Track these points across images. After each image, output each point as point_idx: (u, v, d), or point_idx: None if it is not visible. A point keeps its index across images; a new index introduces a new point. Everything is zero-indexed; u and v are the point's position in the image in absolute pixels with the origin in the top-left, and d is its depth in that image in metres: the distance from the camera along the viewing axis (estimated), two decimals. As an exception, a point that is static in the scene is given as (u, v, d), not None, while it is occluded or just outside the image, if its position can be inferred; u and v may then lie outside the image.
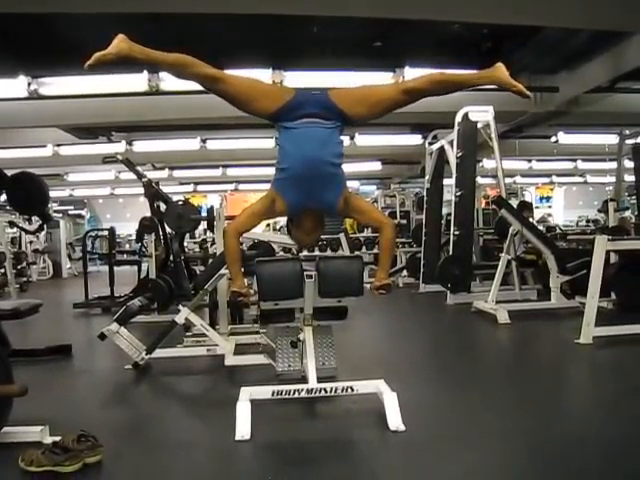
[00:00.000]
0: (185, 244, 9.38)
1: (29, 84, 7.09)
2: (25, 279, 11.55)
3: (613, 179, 11.14)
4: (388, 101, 2.65)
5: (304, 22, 6.39)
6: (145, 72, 7.13)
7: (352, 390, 3.07)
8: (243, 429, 2.78)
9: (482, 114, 7.42)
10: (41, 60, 6.88)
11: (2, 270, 10.05)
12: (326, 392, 3.07)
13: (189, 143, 11.26)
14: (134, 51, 2.43)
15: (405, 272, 10.10)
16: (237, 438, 2.73)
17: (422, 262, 8.79)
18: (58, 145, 10.91)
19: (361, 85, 2.76)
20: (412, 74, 7.26)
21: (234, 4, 4.89)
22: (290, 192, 2.62)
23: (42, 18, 5.28)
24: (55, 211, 18.70)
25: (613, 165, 15.71)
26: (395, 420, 2.82)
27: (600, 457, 2.56)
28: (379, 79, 7.69)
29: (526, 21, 5.68)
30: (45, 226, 9.97)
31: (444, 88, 2.68)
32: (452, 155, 7.59)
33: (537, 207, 20.67)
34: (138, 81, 7.20)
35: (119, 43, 2.40)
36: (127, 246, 17.51)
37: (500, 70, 2.58)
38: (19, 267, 11.59)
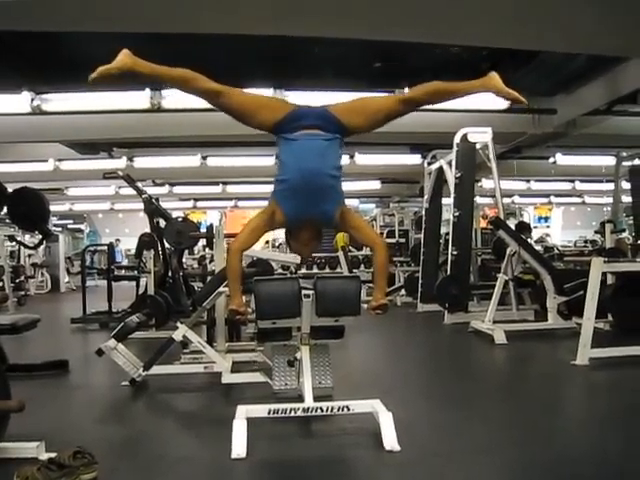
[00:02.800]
0: (184, 260, 9.42)
1: (32, 100, 7.15)
2: (23, 293, 11.54)
3: (611, 200, 11.20)
4: (386, 111, 2.69)
5: (305, 42, 6.46)
6: (147, 89, 7.20)
7: (348, 409, 3.08)
8: (239, 447, 2.78)
9: (481, 135, 7.49)
10: (44, 76, 6.94)
11: (0, 284, 10.07)
12: (322, 411, 3.08)
13: (189, 160, 11.31)
14: (138, 65, 2.48)
15: (403, 291, 10.12)
16: (233, 456, 2.74)
17: (420, 282, 8.81)
18: (59, 160, 10.95)
19: (359, 97, 2.79)
20: (412, 96, 7.34)
21: (233, 25, 4.95)
22: (288, 203, 2.64)
23: (46, 35, 5.34)
24: (54, 225, 18.75)
25: (610, 186, 15.81)
26: (390, 440, 2.83)
27: (595, 477, 2.56)
28: (379, 99, 7.78)
29: (524, 45, 5.76)
30: (45, 241, 10.00)
31: (440, 97, 2.74)
32: (451, 175, 7.65)
33: (535, 227, 20.70)
34: (140, 98, 7.26)
35: (123, 58, 2.46)
36: (125, 261, 17.54)
37: (494, 78, 2.63)
38: (17, 281, 11.60)
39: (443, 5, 4.63)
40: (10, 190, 4.12)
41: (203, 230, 9.33)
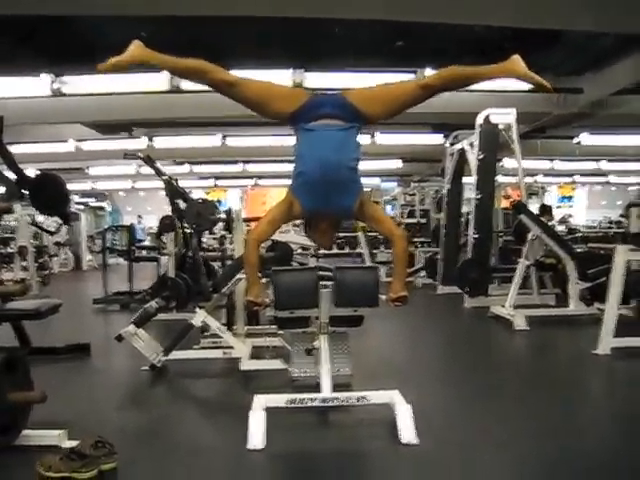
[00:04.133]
0: (204, 240, 9.46)
1: (52, 82, 7.18)
2: (47, 272, 11.69)
3: (637, 179, 10.99)
4: (405, 97, 2.63)
5: (325, 22, 6.37)
6: (166, 71, 7.17)
7: (366, 400, 3.07)
8: (256, 438, 2.79)
9: (504, 117, 7.33)
10: (64, 59, 6.95)
11: (24, 263, 10.21)
12: (340, 402, 3.08)
13: (210, 140, 11.32)
14: (149, 56, 2.47)
15: (423, 273, 10.06)
16: (250, 447, 2.76)
17: (441, 263, 8.76)
18: (80, 141, 11.02)
19: (377, 84, 2.72)
20: (434, 75, 7.22)
21: (249, 7, 4.89)
22: (306, 196, 2.61)
23: (63, 19, 5.33)
24: (77, 203, 18.92)
25: (637, 166, 15.52)
26: (408, 433, 2.82)
27: (614, 471, 2.54)
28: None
29: (549, 25, 5.61)
30: (65, 225, 10.12)
31: (460, 82, 2.67)
32: (473, 157, 7.53)
33: (559, 206, 20.47)
34: (159, 80, 7.25)
35: (134, 49, 2.44)
36: (147, 238, 17.66)
37: (517, 62, 2.53)
38: (41, 261, 11.73)
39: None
40: (31, 176, 4.16)
41: (223, 208, 9.37)
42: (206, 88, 2.66)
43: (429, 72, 7.52)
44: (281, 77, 7.23)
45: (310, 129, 2.58)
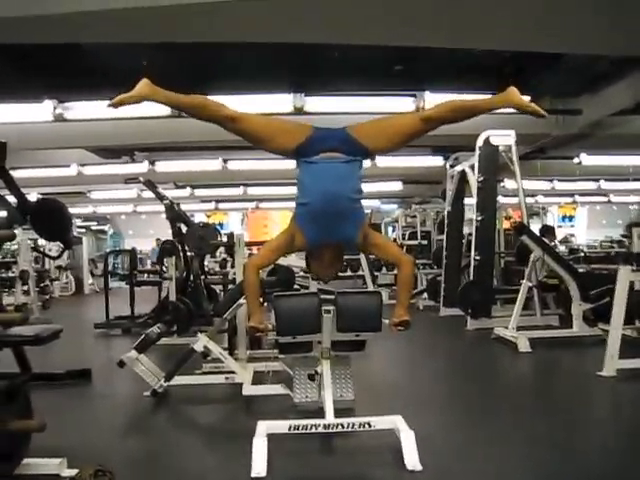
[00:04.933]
0: (206, 263, 9.45)
1: (54, 108, 7.24)
2: (47, 297, 11.67)
3: (637, 199, 10.99)
4: (407, 130, 2.66)
5: (324, 46, 6.42)
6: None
7: (369, 426, 3.05)
8: (259, 466, 2.77)
9: (504, 138, 7.38)
10: (66, 85, 7.01)
11: (25, 287, 10.19)
12: (343, 428, 3.05)
13: (211, 163, 11.35)
14: (155, 94, 2.53)
15: (425, 295, 10.03)
16: (253, 475, 2.72)
17: (442, 285, 8.74)
18: (82, 165, 11.05)
19: (379, 118, 2.76)
20: (432, 99, 7.27)
21: (249, 34, 4.93)
22: (310, 227, 2.62)
23: (66, 45, 5.38)
24: (78, 226, 18.94)
25: (637, 185, 15.52)
26: (412, 459, 2.79)
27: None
28: (399, 104, 7.72)
29: (546, 48, 5.65)
30: (66, 251, 10.11)
31: (461, 114, 2.69)
32: (473, 179, 7.56)
33: (560, 226, 20.45)
34: (161, 106, 7.29)
35: (143, 87, 2.50)
36: (148, 263, 17.63)
37: (513, 93, 2.59)
38: (42, 285, 11.71)
39: (460, 9, 4.56)
40: (32, 201, 4.17)
41: (224, 231, 9.38)
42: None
43: (428, 95, 7.58)
44: (281, 101, 7.29)
45: (313, 162, 2.60)
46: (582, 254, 11.50)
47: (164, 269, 7.29)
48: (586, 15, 4.55)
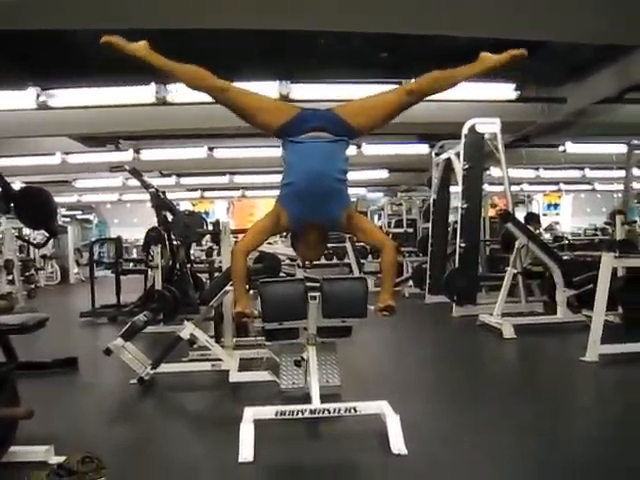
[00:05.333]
0: (192, 251, 9.43)
1: (38, 96, 7.15)
2: (33, 286, 11.59)
3: (621, 187, 11.07)
4: (393, 105, 2.67)
5: (310, 34, 6.40)
6: (153, 84, 7.17)
7: (355, 411, 3.08)
8: (246, 451, 2.79)
9: (489, 126, 7.42)
10: (50, 72, 6.93)
11: (10, 277, 10.11)
12: (329, 413, 3.08)
13: (196, 152, 11.29)
14: (151, 56, 2.57)
15: (411, 282, 10.09)
16: (240, 460, 2.75)
17: (428, 273, 8.79)
18: (66, 153, 10.95)
19: (364, 97, 2.76)
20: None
21: (234, 20, 4.91)
22: (294, 206, 2.62)
23: (50, 32, 5.31)
24: (63, 215, 18.80)
25: (621, 173, 15.65)
26: (398, 443, 2.83)
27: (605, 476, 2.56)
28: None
29: (529, 36, 5.67)
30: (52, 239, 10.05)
31: (443, 84, 2.71)
32: (459, 167, 7.59)
33: (545, 214, 20.61)
34: (145, 93, 7.25)
35: (140, 45, 2.56)
36: (134, 251, 17.56)
37: (486, 56, 2.68)
38: (27, 274, 11.63)
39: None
40: (16, 189, 4.13)
41: (210, 220, 9.35)
42: (191, 100, 2.69)
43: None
44: (267, 89, 7.25)
45: (299, 141, 2.60)
46: (566, 241, 11.59)
47: (150, 257, 7.26)
48: (570, 3, 4.58)
